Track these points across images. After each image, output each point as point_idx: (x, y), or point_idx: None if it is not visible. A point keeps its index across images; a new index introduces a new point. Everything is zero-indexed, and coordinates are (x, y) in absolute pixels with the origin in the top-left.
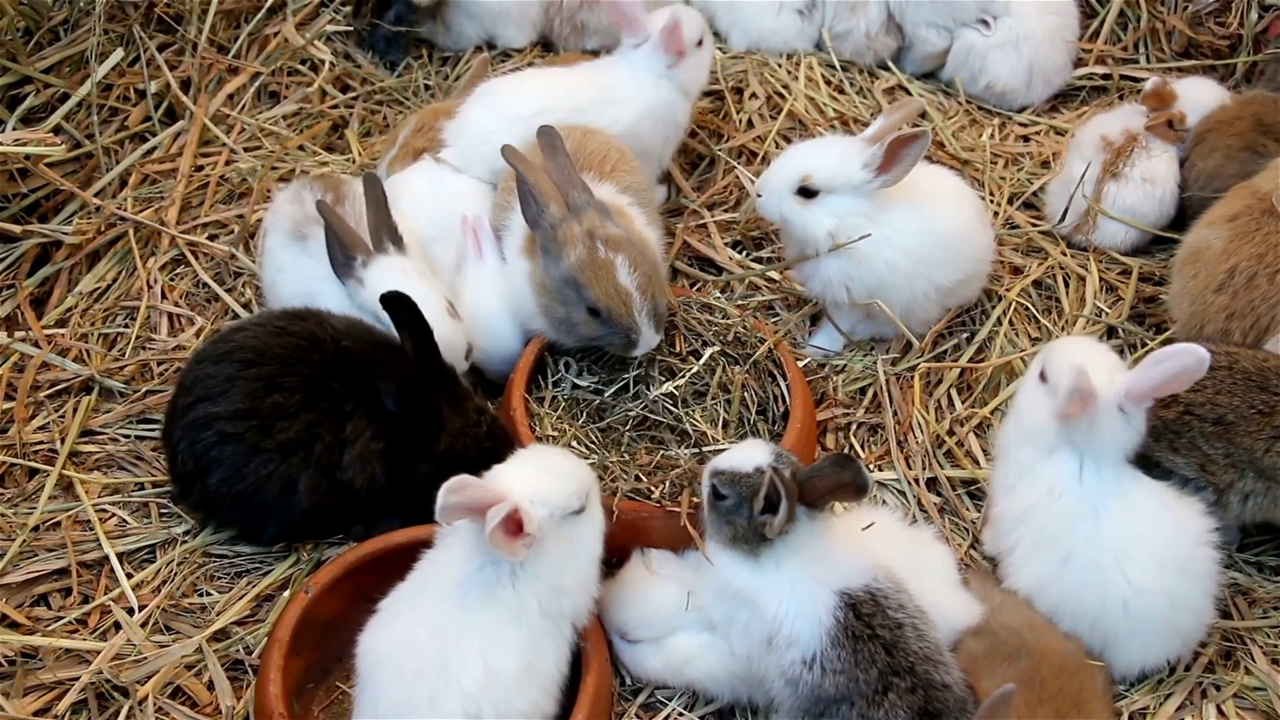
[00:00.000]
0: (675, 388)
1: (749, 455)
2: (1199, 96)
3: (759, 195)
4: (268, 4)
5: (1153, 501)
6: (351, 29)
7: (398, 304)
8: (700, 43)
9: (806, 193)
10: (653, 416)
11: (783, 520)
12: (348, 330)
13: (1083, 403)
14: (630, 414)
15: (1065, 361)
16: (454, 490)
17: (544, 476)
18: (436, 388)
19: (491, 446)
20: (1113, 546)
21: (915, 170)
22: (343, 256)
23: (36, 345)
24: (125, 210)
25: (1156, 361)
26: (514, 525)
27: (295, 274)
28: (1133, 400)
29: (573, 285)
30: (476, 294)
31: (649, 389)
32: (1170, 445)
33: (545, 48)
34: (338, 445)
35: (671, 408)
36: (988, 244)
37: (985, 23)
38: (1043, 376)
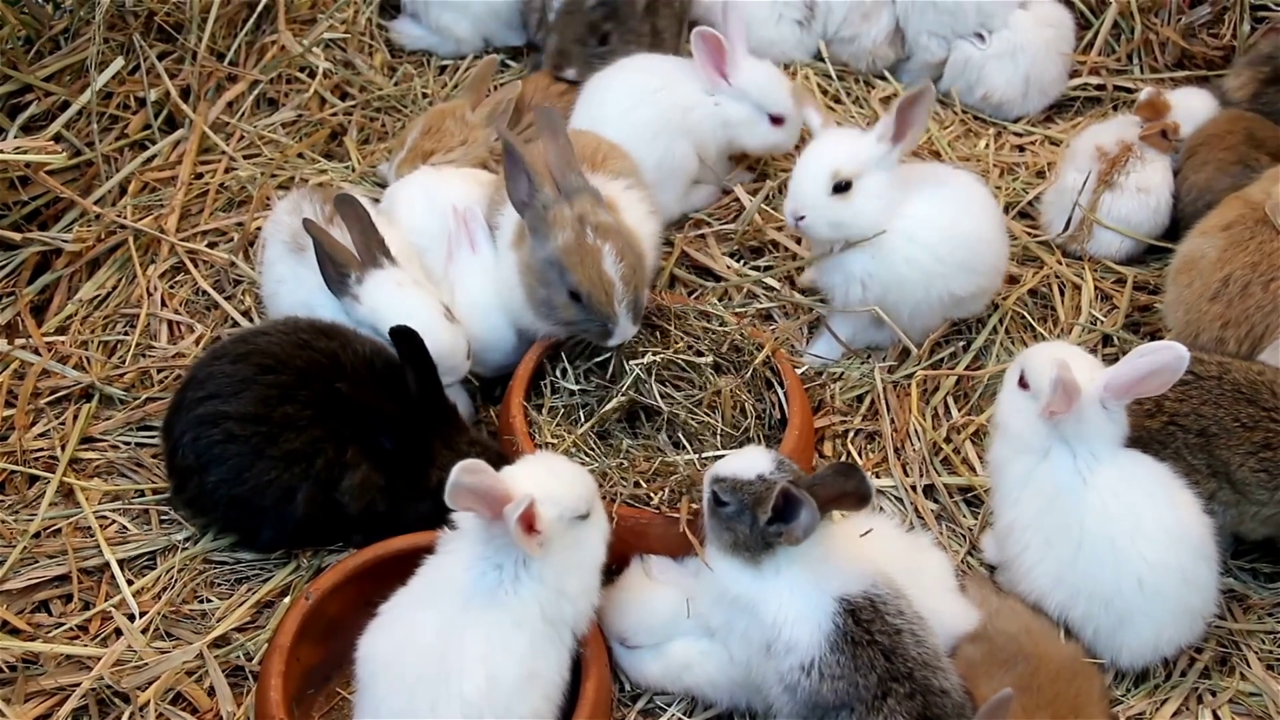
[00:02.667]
0: (656, 359)
1: (751, 462)
2: (1193, 106)
3: (801, 218)
4: (261, 3)
5: (1157, 480)
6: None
7: (404, 338)
8: None
9: (841, 188)
10: (638, 399)
11: (809, 528)
12: (372, 357)
13: (1067, 397)
14: (618, 397)
15: (1045, 363)
16: (469, 471)
17: (553, 479)
18: (432, 424)
19: None
20: (1125, 526)
21: (942, 173)
22: (336, 274)
23: (36, 352)
24: (125, 218)
25: (1138, 356)
26: (526, 523)
27: (295, 284)
28: (1113, 394)
29: (557, 267)
30: (470, 285)
31: (628, 363)
32: (1156, 456)
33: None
34: (339, 466)
35: (653, 384)
36: (1003, 255)
37: (981, 36)
38: (1023, 384)
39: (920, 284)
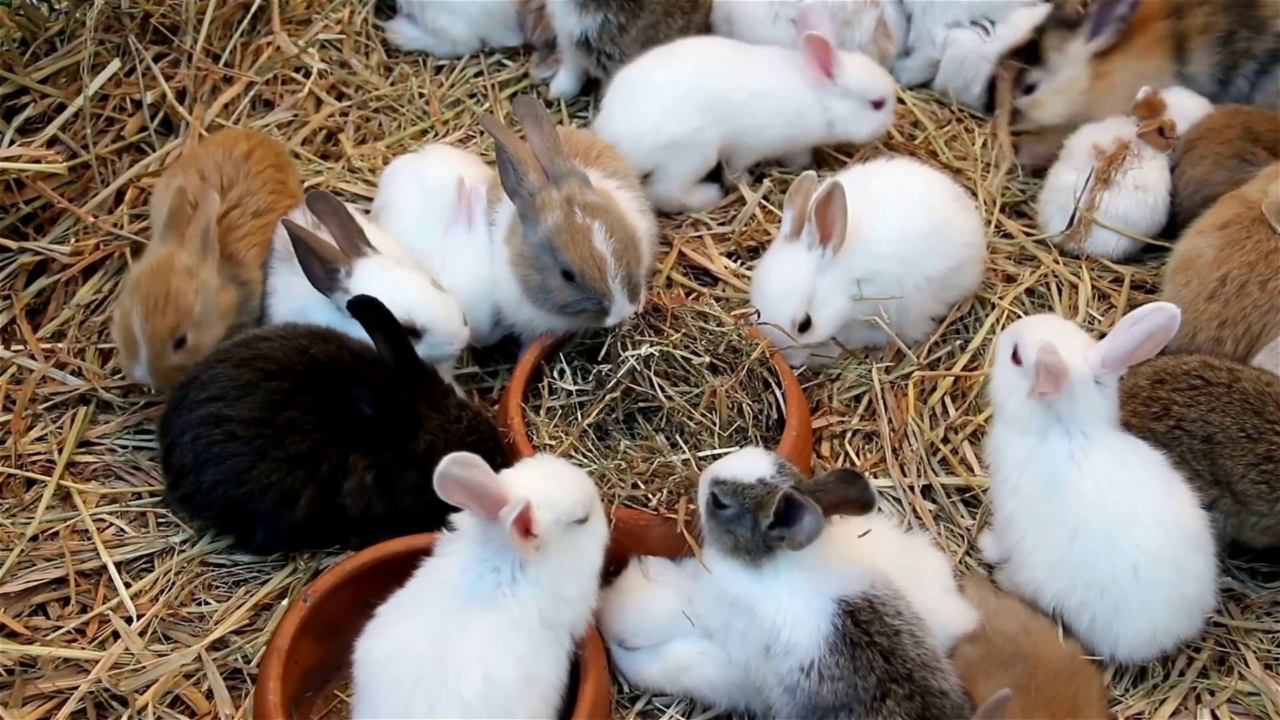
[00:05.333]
0: (653, 350)
1: (750, 465)
2: (1186, 105)
3: (809, 350)
4: (256, 4)
5: (1152, 468)
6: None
7: (365, 308)
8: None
9: (805, 325)
10: (635, 389)
11: (813, 534)
12: (362, 350)
13: (1055, 379)
14: (613, 389)
15: (1035, 341)
16: (459, 463)
17: (551, 483)
18: (413, 387)
19: (474, 441)
20: (1119, 513)
21: (877, 171)
22: (324, 272)
23: (34, 358)
24: (121, 226)
25: (1131, 324)
26: (522, 526)
27: (286, 294)
28: (1110, 368)
29: (549, 249)
30: (459, 263)
31: (624, 351)
32: None
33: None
34: (341, 471)
35: (651, 377)
36: (974, 226)
37: (985, 29)
38: (1016, 359)
39: (893, 284)
